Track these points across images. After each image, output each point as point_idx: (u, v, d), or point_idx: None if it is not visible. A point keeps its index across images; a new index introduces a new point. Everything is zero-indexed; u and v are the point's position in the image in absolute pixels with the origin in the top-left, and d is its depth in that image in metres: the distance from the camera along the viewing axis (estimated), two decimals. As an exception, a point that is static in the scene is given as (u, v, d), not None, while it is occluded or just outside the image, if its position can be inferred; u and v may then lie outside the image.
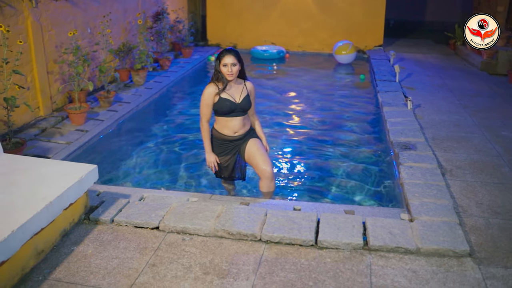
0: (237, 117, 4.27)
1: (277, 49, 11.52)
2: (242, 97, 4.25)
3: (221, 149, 4.42)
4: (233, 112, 4.24)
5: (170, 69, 9.60)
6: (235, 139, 4.36)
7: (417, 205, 3.99)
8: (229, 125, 4.30)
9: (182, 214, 3.84)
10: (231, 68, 4.15)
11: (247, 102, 4.26)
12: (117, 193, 4.41)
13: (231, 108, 4.20)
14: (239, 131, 4.34)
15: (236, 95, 4.24)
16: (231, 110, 4.22)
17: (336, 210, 4.09)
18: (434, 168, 4.72)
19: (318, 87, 9.14)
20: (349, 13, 11.74)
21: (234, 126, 4.30)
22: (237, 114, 4.26)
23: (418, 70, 9.56)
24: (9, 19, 5.68)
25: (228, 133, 4.34)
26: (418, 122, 6.17)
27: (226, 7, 12.25)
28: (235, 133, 4.33)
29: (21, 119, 5.98)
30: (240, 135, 4.36)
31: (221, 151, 4.43)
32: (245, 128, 4.38)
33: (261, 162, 4.33)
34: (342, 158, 5.78)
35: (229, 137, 4.35)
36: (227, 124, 4.31)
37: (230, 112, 4.23)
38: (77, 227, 3.80)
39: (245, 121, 4.35)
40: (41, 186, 3.52)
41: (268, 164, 4.34)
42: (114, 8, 8.20)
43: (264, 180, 4.36)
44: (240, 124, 4.31)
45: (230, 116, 4.26)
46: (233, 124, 4.29)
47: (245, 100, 4.25)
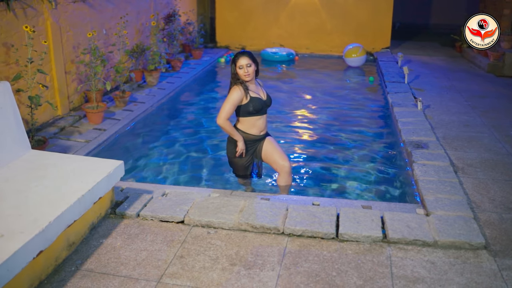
0: (264, 115, 4.43)
1: (287, 51, 11.66)
2: (266, 94, 4.42)
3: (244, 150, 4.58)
4: (261, 110, 4.39)
5: (181, 70, 9.74)
6: (259, 138, 4.51)
7: (432, 200, 4.12)
8: (257, 124, 4.45)
9: (206, 208, 3.97)
10: (246, 69, 4.30)
11: (270, 98, 4.42)
12: (140, 189, 4.53)
13: (261, 105, 4.37)
14: (264, 130, 4.50)
15: (260, 93, 4.40)
16: (260, 108, 4.37)
17: (354, 205, 4.21)
18: (446, 166, 4.85)
19: (328, 89, 9.26)
20: (357, 15, 11.90)
21: (261, 124, 4.45)
22: (264, 111, 4.42)
23: (425, 72, 9.69)
24: (31, 20, 5.83)
25: (255, 133, 4.48)
26: (429, 122, 6.30)
27: (235, 9, 12.40)
28: (261, 132, 4.49)
29: (40, 118, 6.12)
30: (264, 134, 4.51)
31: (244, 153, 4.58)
32: (267, 125, 4.53)
33: (279, 158, 4.50)
34: (355, 157, 5.91)
35: (255, 136, 4.49)
36: (256, 123, 4.44)
37: (259, 110, 4.38)
38: (104, 221, 3.93)
39: (267, 118, 4.51)
40: (71, 180, 3.65)
41: (286, 159, 4.52)
42: (128, 10, 8.35)
43: (283, 174, 4.51)
44: (266, 122, 4.48)
45: (259, 114, 4.41)
46: (260, 122, 4.45)
47: (269, 97, 4.41)
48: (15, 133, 4.03)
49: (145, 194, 4.27)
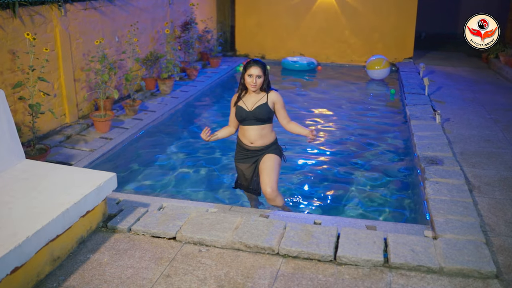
0: (252, 125, 4.23)
1: (308, 60, 11.44)
2: (256, 106, 4.19)
3: (241, 155, 4.42)
4: (245, 120, 4.22)
5: (197, 78, 9.63)
6: (252, 149, 4.31)
7: (441, 222, 3.85)
8: (246, 134, 4.30)
9: (200, 224, 3.79)
10: (255, 79, 4.13)
11: (261, 111, 4.18)
12: (136, 202, 4.39)
13: (242, 116, 4.21)
14: (255, 142, 4.28)
15: (250, 103, 4.21)
16: (242, 118, 4.23)
17: (357, 225, 3.98)
18: (461, 184, 4.56)
19: (347, 100, 9.00)
20: (379, 25, 11.61)
21: (250, 135, 4.26)
22: (251, 122, 4.22)
23: (448, 83, 9.35)
24: (38, 27, 5.78)
25: (246, 142, 4.32)
26: (446, 137, 6.00)
27: (254, 17, 12.27)
28: (251, 143, 4.29)
29: (47, 125, 6.05)
30: (256, 147, 4.30)
31: (241, 158, 4.43)
32: (263, 140, 4.30)
33: (265, 181, 4.26)
34: (367, 171, 5.67)
35: (247, 146, 4.32)
36: (244, 133, 4.31)
37: (242, 120, 4.24)
38: (94, 235, 3.78)
39: (263, 132, 4.28)
40: (59, 192, 3.52)
41: (269, 184, 4.23)
42: (143, 17, 8.28)
43: (267, 199, 4.33)
44: (256, 135, 4.25)
45: (244, 124, 4.27)
46: (249, 133, 4.27)
47: (259, 109, 4.18)
48: (8, 142, 3.93)
49: (140, 208, 4.11)
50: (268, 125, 4.29)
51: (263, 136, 4.29)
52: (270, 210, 4.32)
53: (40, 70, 5.16)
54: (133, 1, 7.92)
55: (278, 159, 4.38)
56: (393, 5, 11.49)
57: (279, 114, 4.31)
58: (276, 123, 4.39)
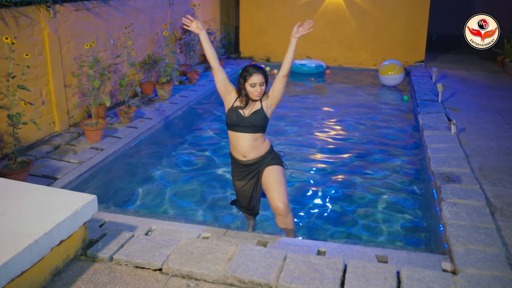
0: (244, 133, 3.81)
1: (316, 63, 11.00)
2: (252, 112, 3.78)
3: (238, 173, 4.03)
4: (238, 126, 3.81)
5: (198, 82, 9.22)
6: (247, 163, 3.89)
7: (461, 253, 3.41)
8: (237, 146, 3.88)
9: (189, 254, 3.37)
10: (259, 88, 3.73)
11: (257, 117, 3.78)
12: (122, 224, 4.00)
13: (237, 120, 3.79)
14: (248, 155, 3.86)
15: (247, 109, 3.80)
16: (235, 123, 3.81)
17: (366, 255, 3.55)
18: (481, 206, 4.12)
19: (357, 106, 8.56)
20: (389, 26, 11.14)
21: (241, 147, 3.85)
22: (244, 129, 3.81)
23: (462, 88, 8.88)
24: (24, 30, 5.39)
25: (238, 157, 3.92)
26: (463, 149, 5.55)
27: (260, 19, 11.84)
28: (243, 156, 3.87)
29: (34, 134, 5.67)
30: (251, 160, 3.88)
31: (237, 175, 4.03)
32: (256, 152, 3.88)
33: (274, 197, 3.84)
34: (377, 190, 5.21)
35: (240, 161, 3.91)
36: (236, 144, 3.89)
37: (235, 125, 3.82)
38: (72, 264, 3.38)
39: (255, 143, 3.86)
40: (29, 220, 3.12)
41: (281, 199, 3.83)
42: (140, 19, 7.88)
43: (278, 217, 3.89)
44: (248, 146, 3.83)
45: (236, 130, 3.84)
46: (240, 144, 3.85)
47: (254, 115, 3.78)
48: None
49: (125, 232, 3.70)
50: (260, 134, 3.88)
51: (255, 147, 3.87)
52: (269, 236, 3.90)
53: (21, 78, 4.76)
54: (130, 1, 7.52)
55: (281, 169, 3.99)
56: (404, 5, 11.01)
57: (276, 81, 3.83)
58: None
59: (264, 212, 4.57)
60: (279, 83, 3.81)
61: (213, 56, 3.85)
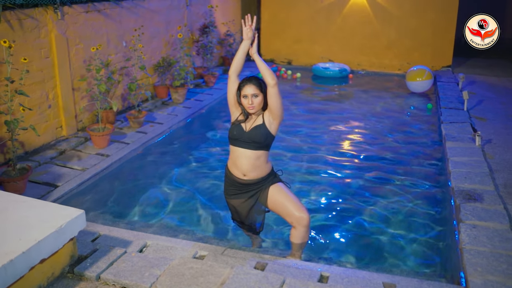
0: (245, 149, 3.59)
1: (340, 67, 10.65)
2: (253, 126, 3.56)
3: (233, 190, 3.79)
4: (238, 141, 3.61)
5: (215, 86, 9.01)
6: (246, 183, 3.65)
7: (479, 285, 3.09)
8: (237, 163, 3.65)
9: (180, 276, 3.14)
10: (251, 99, 3.51)
11: (257, 132, 3.56)
12: (117, 238, 3.80)
13: (238, 134, 3.60)
14: (249, 174, 3.63)
15: (248, 124, 3.60)
16: (236, 137, 3.61)
17: (373, 282, 3.25)
18: (505, 230, 3.77)
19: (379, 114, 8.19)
20: (415, 30, 10.71)
21: (242, 165, 3.62)
22: (245, 145, 3.59)
23: (490, 96, 8.44)
24: (29, 32, 5.25)
25: (237, 174, 3.69)
26: (488, 164, 5.18)
27: (281, 20, 11.57)
28: (243, 175, 3.64)
29: (39, 139, 5.54)
30: (250, 180, 3.64)
31: (233, 193, 3.79)
32: (258, 172, 3.65)
33: (295, 209, 3.62)
34: (388, 207, 4.87)
35: (239, 179, 3.67)
36: (236, 161, 3.67)
37: (235, 139, 3.62)
38: (57, 283, 3.18)
39: (257, 162, 3.62)
40: (9, 237, 2.93)
41: (303, 210, 3.64)
42: (155, 20, 7.71)
43: (300, 228, 3.62)
44: (249, 165, 3.60)
45: (236, 145, 3.63)
46: (240, 162, 3.62)
47: (255, 130, 3.55)
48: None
49: (117, 248, 3.49)
50: (263, 153, 3.64)
51: (257, 167, 3.63)
52: (269, 256, 3.64)
53: (19, 82, 4.61)
54: (144, 3, 7.34)
55: (285, 186, 3.79)
56: (431, 7, 10.56)
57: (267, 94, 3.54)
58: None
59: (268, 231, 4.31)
60: (270, 95, 3.54)
61: (238, 67, 3.72)
